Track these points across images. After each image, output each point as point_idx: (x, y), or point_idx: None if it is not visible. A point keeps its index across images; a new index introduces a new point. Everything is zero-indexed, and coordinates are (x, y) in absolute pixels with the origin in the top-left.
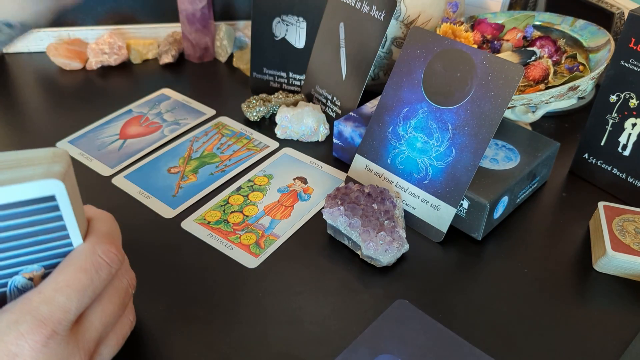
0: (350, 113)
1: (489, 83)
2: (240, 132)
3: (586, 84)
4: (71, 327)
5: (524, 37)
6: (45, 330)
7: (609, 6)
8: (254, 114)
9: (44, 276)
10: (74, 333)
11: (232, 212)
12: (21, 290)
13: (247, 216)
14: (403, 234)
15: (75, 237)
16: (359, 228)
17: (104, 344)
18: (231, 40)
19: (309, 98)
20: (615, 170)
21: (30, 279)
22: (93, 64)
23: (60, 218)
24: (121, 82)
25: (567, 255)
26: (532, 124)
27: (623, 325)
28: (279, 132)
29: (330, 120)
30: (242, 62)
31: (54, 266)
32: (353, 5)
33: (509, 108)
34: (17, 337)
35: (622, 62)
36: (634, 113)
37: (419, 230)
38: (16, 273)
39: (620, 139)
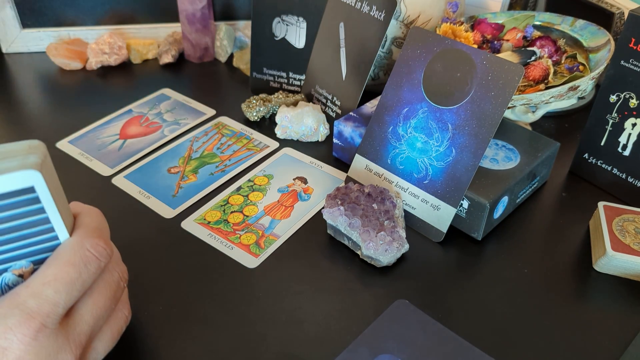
0: (350, 113)
1: (489, 83)
2: (240, 132)
3: (586, 84)
4: (61, 321)
5: (524, 37)
6: (33, 324)
7: (609, 6)
8: (254, 114)
9: (33, 272)
10: (64, 327)
11: (232, 212)
12: (12, 287)
13: (247, 216)
14: (403, 234)
15: (61, 231)
16: (359, 228)
17: (98, 339)
18: (231, 40)
19: (309, 98)
20: (615, 170)
21: (20, 276)
22: (93, 64)
23: (42, 210)
24: (121, 82)
25: (567, 255)
26: (532, 124)
27: (623, 325)
28: (279, 132)
29: (330, 120)
30: (242, 62)
31: (42, 262)
32: (353, 5)
33: (509, 108)
34: (5, 331)
35: (622, 62)
36: (634, 113)
37: (419, 230)
38: (5, 270)
39: (620, 139)
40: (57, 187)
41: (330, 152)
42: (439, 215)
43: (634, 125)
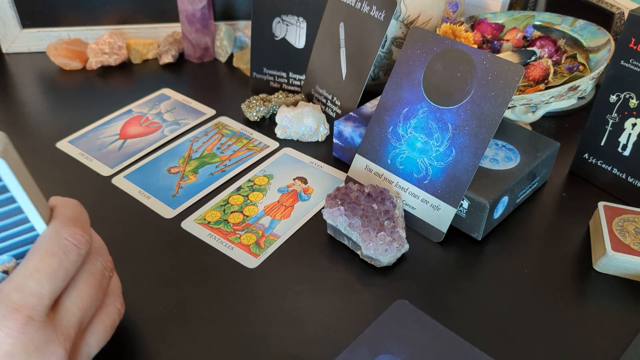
0: (350, 113)
1: (489, 83)
2: (240, 132)
3: (586, 84)
4: (48, 313)
5: (524, 37)
6: (19, 317)
7: (609, 6)
8: (254, 114)
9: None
10: (51, 319)
11: (232, 212)
12: None
13: (247, 216)
14: (403, 234)
15: (37, 222)
16: (359, 228)
17: (89, 332)
18: (231, 40)
19: (309, 98)
20: (615, 170)
21: (5, 272)
22: (93, 64)
23: (12, 200)
24: (121, 82)
25: (567, 255)
26: (532, 124)
27: (623, 325)
28: (279, 132)
29: (330, 120)
30: (242, 62)
31: (24, 255)
32: (353, 5)
33: (509, 108)
34: None
35: (622, 62)
36: (634, 113)
37: (419, 230)
38: None
39: (620, 139)
40: (27, 178)
41: (330, 152)
42: (439, 215)
43: (634, 125)
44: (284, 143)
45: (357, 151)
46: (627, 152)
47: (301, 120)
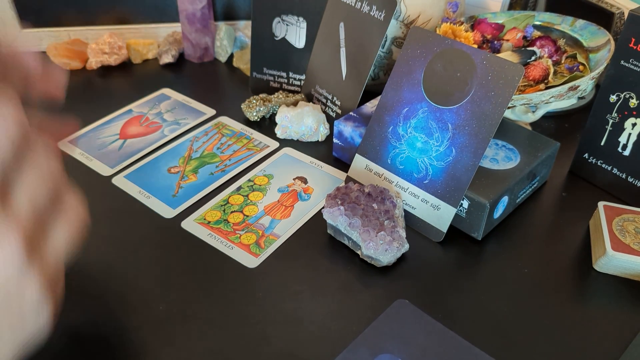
0: (350, 113)
1: (489, 83)
2: (240, 132)
3: (586, 84)
4: None
5: (524, 37)
6: None
7: (609, 6)
8: (254, 113)
9: None
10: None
11: (232, 212)
12: None
13: (247, 216)
14: (403, 233)
15: None
16: (359, 228)
17: (52, 228)
18: (231, 40)
19: (309, 98)
20: (615, 170)
21: None
22: (93, 64)
23: None
24: (121, 82)
25: (567, 255)
26: (532, 124)
27: (623, 325)
28: (279, 132)
29: (330, 120)
30: (242, 62)
31: None
32: (353, 5)
33: (509, 108)
34: None
35: (622, 62)
36: (634, 113)
37: (419, 230)
38: None
39: (620, 139)
40: None
41: (330, 152)
42: (439, 215)
43: (634, 125)
44: (284, 143)
45: (357, 151)
46: (627, 152)
47: (301, 120)
